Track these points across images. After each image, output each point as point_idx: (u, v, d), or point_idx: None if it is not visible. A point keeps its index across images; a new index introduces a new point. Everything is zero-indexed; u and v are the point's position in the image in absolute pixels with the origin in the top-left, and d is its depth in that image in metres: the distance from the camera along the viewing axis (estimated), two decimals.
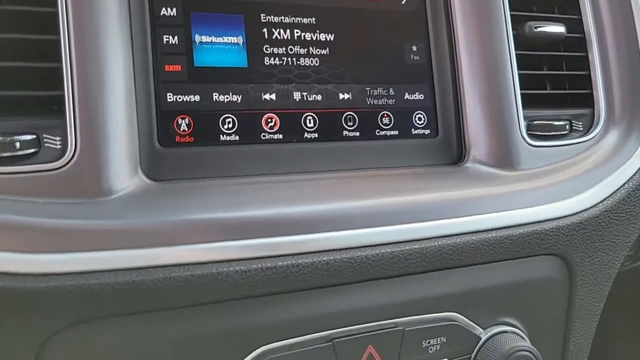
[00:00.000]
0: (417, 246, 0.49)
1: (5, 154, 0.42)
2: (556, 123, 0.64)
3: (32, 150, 0.43)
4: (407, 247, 0.49)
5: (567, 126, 0.64)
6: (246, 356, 0.44)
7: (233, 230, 0.44)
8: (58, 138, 0.44)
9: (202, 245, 0.43)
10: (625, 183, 0.62)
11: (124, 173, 0.46)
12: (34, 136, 0.43)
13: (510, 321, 0.55)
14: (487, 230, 0.53)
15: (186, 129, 0.51)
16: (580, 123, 0.66)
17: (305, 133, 0.55)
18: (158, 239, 0.42)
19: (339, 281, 0.47)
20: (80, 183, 0.44)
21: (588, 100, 0.66)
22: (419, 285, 0.50)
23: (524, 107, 0.61)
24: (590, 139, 0.65)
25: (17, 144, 0.42)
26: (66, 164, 0.43)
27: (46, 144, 0.44)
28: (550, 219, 0.57)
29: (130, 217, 0.43)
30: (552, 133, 0.63)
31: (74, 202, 0.43)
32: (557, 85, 0.66)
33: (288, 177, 0.53)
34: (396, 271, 0.49)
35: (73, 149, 0.43)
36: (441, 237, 0.50)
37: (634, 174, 0.62)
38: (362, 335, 0.48)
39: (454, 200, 0.53)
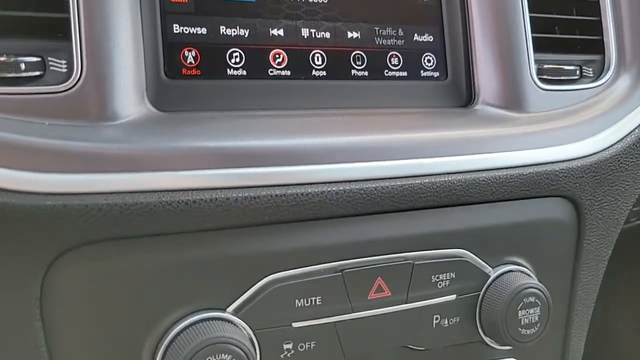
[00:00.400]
0: (427, 180, 0.49)
1: (10, 75, 0.41)
2: (567, 68, 0.63)
3: (38, 73, 0.42)
4: (416, 182, 0.48)
5: (578, 72, 0.64)
6: (254, 285, 0.44)
7: (243, 158, 0.43)
8: (64, 61, 0.43)
9: (212, 172, 0.42)
10: (636, 127, 0.61)
11: (129, 100, 0.45)
12: (39, 58, 0.43)
13: (519, 261, 0.55)
14: (497, 169, 0.53)
15: (193, 62, 0.50)
16: (591, 69, 0.65)
17: (314, 70, 0.54)
18: (165, 164, 0.42)
19: (348, 212, 0.46)
20: (85, 107, 0.43)
21: (598, 46, 0.65)
22: (428, 220, 0.50)
23: (534, 51, 0.60)
24: (601, 84, 0.64)
25: (22, 65, 0.42)
26: (72, 87, 0.42)
27: (51, 67, 0.43)
28: (560, 161, 0.56)
29: (137, 142, 0.42)
30: (562, 77, 0.63)
31: (80, 125, 0.42)
32: (568, 30, 0.64)
33: (296, 112, 0.52)
34: (405, 205, 0.48)
35: (79, 72, 0.43)
36: (450, 173, 0.50)
37: None
38: (371, 267, 0.47)
39: (464, 139, 0.53)
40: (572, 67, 0.63)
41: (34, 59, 0.42)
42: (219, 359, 0.40)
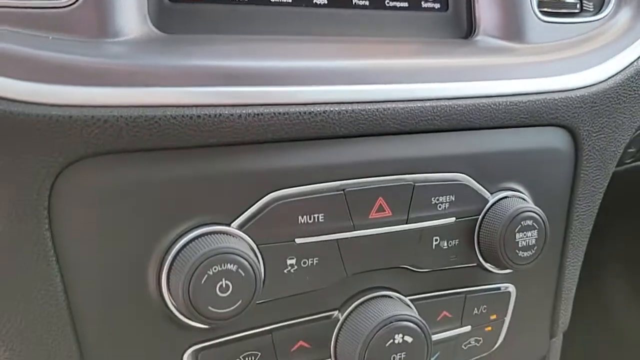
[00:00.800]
0: (428, 104, 0.49)
1: None
2: (567, 0, 0.63)
3: None
4: (418, 105, 0.49)
5: (578, 5, 0.64)
6: (257, 201, 0.44)
7: (247, 77, 0.44)
8: None
9: (216, 89, 0.43)
10: (636, 59, 0.61)
11: (131, 19, 0.45)
12: None
13: (517, 187, 0.56)
14: (497, 96, 0.53)
15: None
16: (591, 3, 0.65)
17: None
18: (169, 80, 0.42)
19: (350, 132, 0.46)
20: (87, 22, 0.43)
21: None
22: (429, 143, 0.50)
23: None
24: (602, 17, 0.64)
25: None
26: (74, 2, 0.42)
27: None
28: (559, 90, 0.56)
29: (141, 58, 0.42)
30: (562, 10, 0.63)
31: (82, 41, 0.42)
32: None
33: (298, 38, 0.52)
34: (407, 127, 0.49)
35: None
36: (451, 98, 0.50)
37: None
38: (372, 187, 0.48)
39: (465, 66, 0.53)
40: (572, 0, 0.63)
41: None
42: (224, 269, 0.41)
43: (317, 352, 0.49)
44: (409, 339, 0.48)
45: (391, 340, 0.47)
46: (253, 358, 0.47)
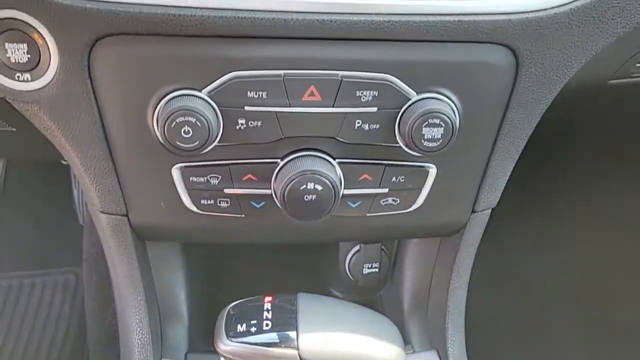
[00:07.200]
0: (363, 19, 0.63)
1: None
2: None
3: None
4: (353, 18, 0.62)
5: None
6: (221, 77, 0.64)
7: None
8: None
9: None
10: None
11: None
12: None
13: (445, 92, 0.68)
14: (431, 14, 0.64)
15: None
16: None
17: None
18: None
19: (294, 35, 0.63)
20: None
21: None
22: (361, 48, 0.65)
23: None
24: None
25: None
26: None
27: None
28: (500, 13, 0.64)
29: None
30: None
31: None
32: None
33: None
34: (341, 35, 0.63)
35: None
36: (385, 14, 0.63)
37: None
38: (306, 77, 0.65)
39: None
40: None
41: None
42: (186, 120, 0.63)
43: (260, 183, 0.71)
44: (318, 187, 0.68)
45: (305, 185, 0.68)
46: (216, 178, 0.71)
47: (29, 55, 0.64)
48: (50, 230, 1.63)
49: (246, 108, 0.66)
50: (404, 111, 0.68)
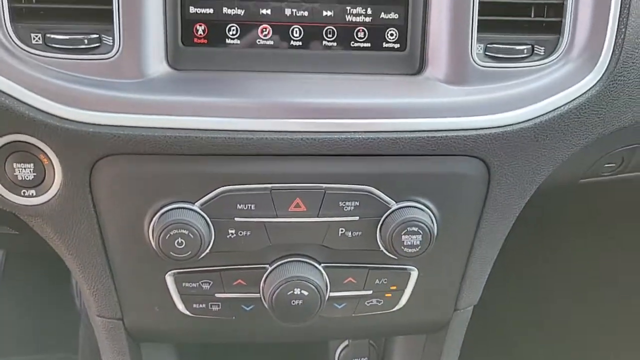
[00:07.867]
0: (345, 136, 0.68)
1: (79, 46, 0.68)
2: (516, 47, 0.74)
3: (96, 45, 0.69)
4: (335, 137, 0.68)
5: (527, 50, 0.75)
6: (212, 191, 0.69)
7: (215, 109, 0.67)
8: (111, 38, 0.69)
9: (188, 118, 0.67)
10: (557, 108, 0.72)
11: (155, 63, 0.69)
12: (97, 35, 0.69)
13: (423, 201, 0.73)
14: (410, 132, 0.70)
15: (202, 33, 0.73)
16: (543, 48, 0.75)
17: (292, 41, 0.74)
18: (166, 110, 0.67)
19: (279, 152, 0.68)
20: (123, 68, 0.68)
21: (555, 27, 0.75)
22: (344, 164, 0.70)
23: (486, 31, 0.73)
24: (545, 64, 0.74)
25: (85, 41, 0.68)
26: (115, 55, 0.68)
27: (104, 42, 0.69)
28: (472, 129, 0.71)
29: (158, 92, 0.67)
30: (509, 56, 0.74)
31: (120, 81, 0.68)
32: (524, 12, 0.75)
33: (276, 75, 0.73)
34: (322, 152, 0.68)
35: (119, 46, 0.68)
36: (362, 132, 0.68)
37: (569, 102, 0.73)
38: (292, 190, 0.70)
39: (387, 104, 0.70)
40: (521, 47, 0.74)
41: (94, 36, 0.69)
42: (180, 232, 0.67)
43: (250, 287, 0.75)
44: (305, 292, 0.72)
45: (292, 291, 0.72)
46: (208, 284, 0.75)
47: (34, 174, 0.69)
48: (48, 315, 1.65)
49: (236, 219, 0.71)
50: (384, 219, 0.72)
